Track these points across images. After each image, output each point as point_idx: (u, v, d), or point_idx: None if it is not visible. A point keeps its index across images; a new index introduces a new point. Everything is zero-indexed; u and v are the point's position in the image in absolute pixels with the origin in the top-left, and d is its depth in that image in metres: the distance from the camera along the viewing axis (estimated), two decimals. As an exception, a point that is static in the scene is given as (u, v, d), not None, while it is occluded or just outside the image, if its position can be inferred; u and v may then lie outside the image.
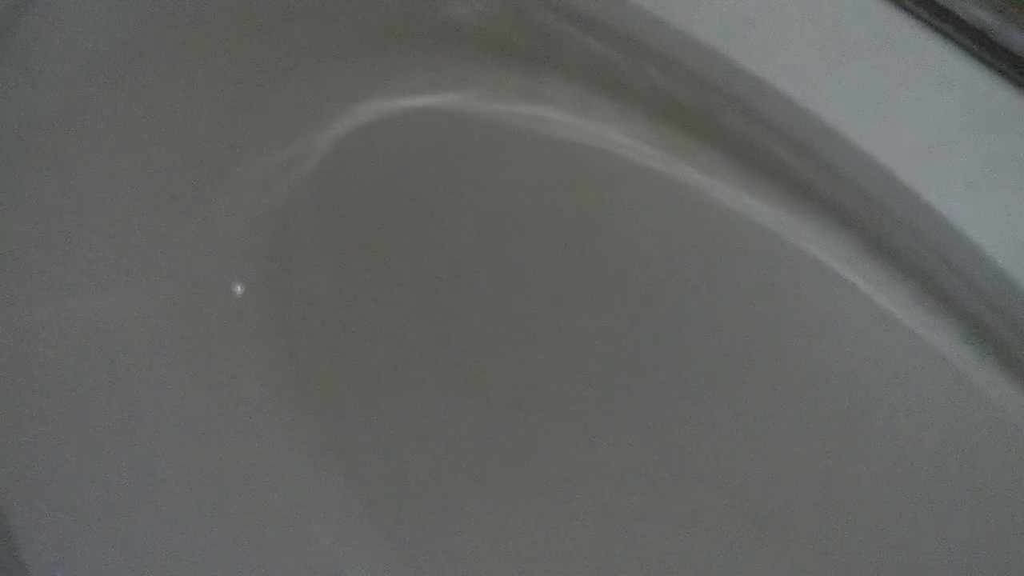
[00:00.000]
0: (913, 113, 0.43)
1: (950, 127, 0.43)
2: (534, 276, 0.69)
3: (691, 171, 0.60)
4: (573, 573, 0.71)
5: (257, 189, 0.74)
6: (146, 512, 0.73)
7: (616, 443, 0.67)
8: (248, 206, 0.75)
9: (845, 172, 0.47)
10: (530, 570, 0.72)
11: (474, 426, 0.71)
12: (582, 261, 0.67)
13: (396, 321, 0.74)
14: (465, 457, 0.72)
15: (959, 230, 0.44)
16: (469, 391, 0.71)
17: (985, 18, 0.44)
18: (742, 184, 0.58)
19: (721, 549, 0.65)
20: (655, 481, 0.66)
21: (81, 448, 0.72)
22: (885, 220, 0.50)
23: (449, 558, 0.74)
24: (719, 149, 0.58)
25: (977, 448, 0.55)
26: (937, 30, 0.43)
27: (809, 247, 0.57)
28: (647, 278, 0.65)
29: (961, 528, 0.56)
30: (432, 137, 0.70)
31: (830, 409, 0.59)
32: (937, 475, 0.57)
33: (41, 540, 0.72)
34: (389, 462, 0.74)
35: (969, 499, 0.56)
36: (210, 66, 0.69)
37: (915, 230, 0.47)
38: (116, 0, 0.64)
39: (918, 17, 0.43)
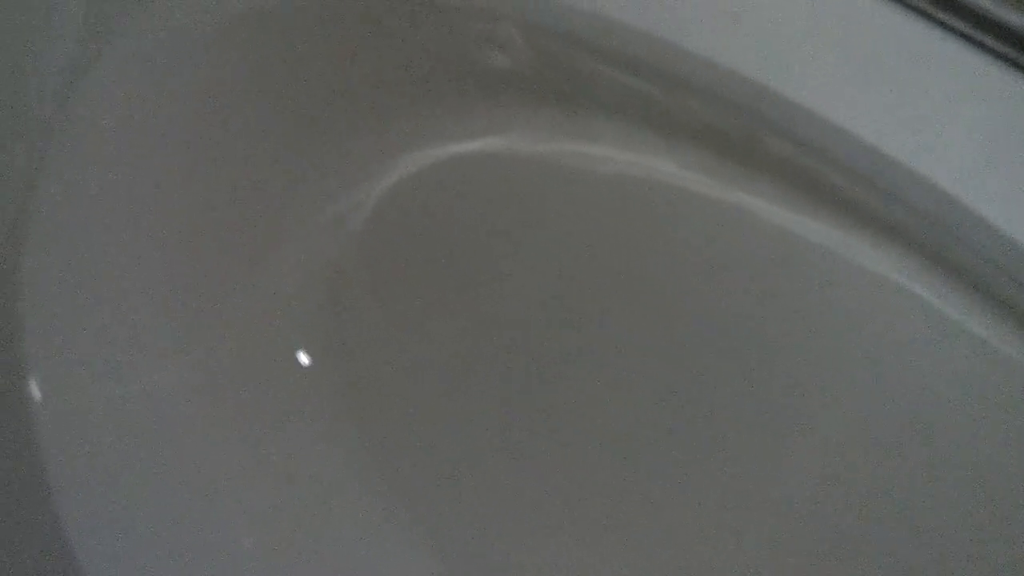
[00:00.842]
0: (959, 128, 0.43)
1: (997, 139, 0.43)
2: (593, 309, 0.69)
3: (743, 195, 0.60)
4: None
5: (312, 246, 0.75)
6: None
7: (684, 473, 0.66)
8: (305, 264, 0.75)
9: (898, 191, 0.46)
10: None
11: (547, 469, 0.71)
12: (641, 291, 0.67)
13: (457, 368, 0.74)
14: (541, 502, 0.71)
15: (1017, 241, 0.43)
16: (539, 434, 0.71)
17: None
18: (795, 206, 0.58)
19: (801, 572, 0.64)
20: (723, 507, 0.65)
21: (154, 521, 0.72)
22: (942, 235, 0.49)
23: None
24: (768, 173, 0.57)
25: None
26: (975, 42, 0.43)
27: (869, 263, 0.57)
28: (708, 304, 0.64)
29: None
30: (482, 180, 0.71)
31: (901, 423, 0.59)
32: (1013, 484, 0.56)
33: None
34: (463, 515, 0.74)
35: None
36: (260, 129, 0.70)
37: (972, 243, 0.46)
38: (164, 72, 0.65)
39: (954, 30, 0.43)
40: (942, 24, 0.43)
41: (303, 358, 0.76)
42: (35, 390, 0.70)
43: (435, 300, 0.73)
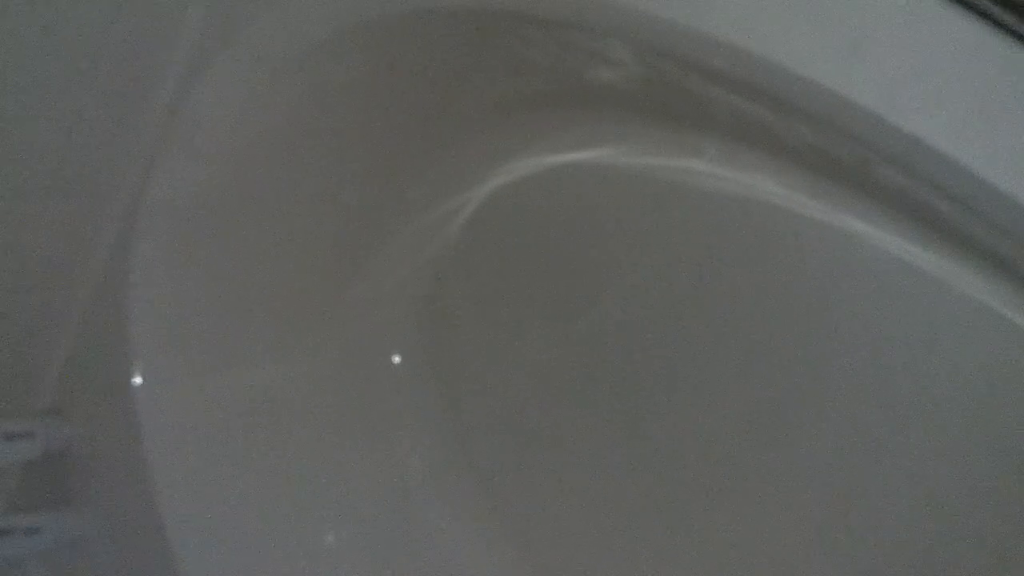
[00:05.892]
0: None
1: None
2: (688, 322, 0.69)
3: (850, 219, 0.60)
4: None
5: (412, 250, 0.76)
6: (313, 571, 0.75)
7: (783, 500, 0.66)
8: (404, 267, 0.76)
9: (1010, 226, 0.45)
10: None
11: (632, 479, 0.71)
12: (737, 306, 0.67)
13: (548, 374, 0.74)
14: (626, 511, 0.71)
15: None
16: (626, 443, 0.71)
17: None
18: (904, 233, 0.57)
19: None
20: (822, 541, 0.65)
21: (243, 507, 0.73)
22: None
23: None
24: (877, 200, 0.57)
25: None
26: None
27: (977, 294, 0.56)
28: (809, 326, 0.64)
29: None
30: (582, 190, 0.71)
31: (1008, 463, 0.58)
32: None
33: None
34: (548, 517, 0.74)
35: None
36: (366, 133, 0.71)
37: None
38: (277, 74, 0.66)
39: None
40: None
41: (398, 359, 0.77)
42: (137, 375, 0.72)
43: (530, 307, 0.74)
